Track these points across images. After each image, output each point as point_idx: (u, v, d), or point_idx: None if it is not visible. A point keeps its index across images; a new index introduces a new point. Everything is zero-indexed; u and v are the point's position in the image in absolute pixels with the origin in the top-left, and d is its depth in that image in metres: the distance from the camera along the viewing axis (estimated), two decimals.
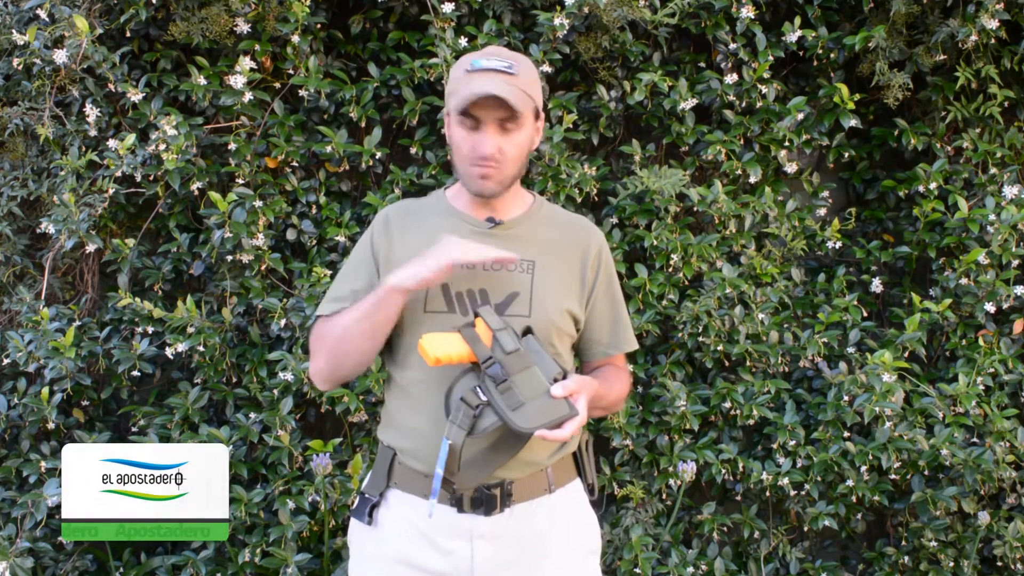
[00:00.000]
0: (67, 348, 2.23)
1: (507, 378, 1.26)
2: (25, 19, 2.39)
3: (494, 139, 1.38)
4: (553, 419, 1.26)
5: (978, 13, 2.30)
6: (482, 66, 1.38)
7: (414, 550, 1.42)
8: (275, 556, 2.25)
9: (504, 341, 1.29)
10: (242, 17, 2.31)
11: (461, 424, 1.26)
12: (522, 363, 1.28)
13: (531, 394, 1.26)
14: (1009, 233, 2.41)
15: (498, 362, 1.27)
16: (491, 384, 1.26)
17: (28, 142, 2.44)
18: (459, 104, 1.36)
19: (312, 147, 2.41)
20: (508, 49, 1.46)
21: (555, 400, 1.27)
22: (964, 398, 2.34)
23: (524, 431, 1.25)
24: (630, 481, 2.48)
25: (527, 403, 1.26)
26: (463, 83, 1.38)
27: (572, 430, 1.26)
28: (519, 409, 1.25)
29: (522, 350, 1.29)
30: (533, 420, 1.25)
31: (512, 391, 1.25)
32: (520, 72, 1.39)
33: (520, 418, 1.25)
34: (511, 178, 1.44)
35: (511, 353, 1.28)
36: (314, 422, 2.56)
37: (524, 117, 1.39)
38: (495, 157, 1.39)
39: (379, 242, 1.49)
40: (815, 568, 2.58)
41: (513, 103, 1.34)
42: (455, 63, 1.46)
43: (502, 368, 1.27)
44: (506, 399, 1.25)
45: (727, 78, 2.43)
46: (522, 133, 1.41)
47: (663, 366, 2.50)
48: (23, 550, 2.18)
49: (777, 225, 2.52)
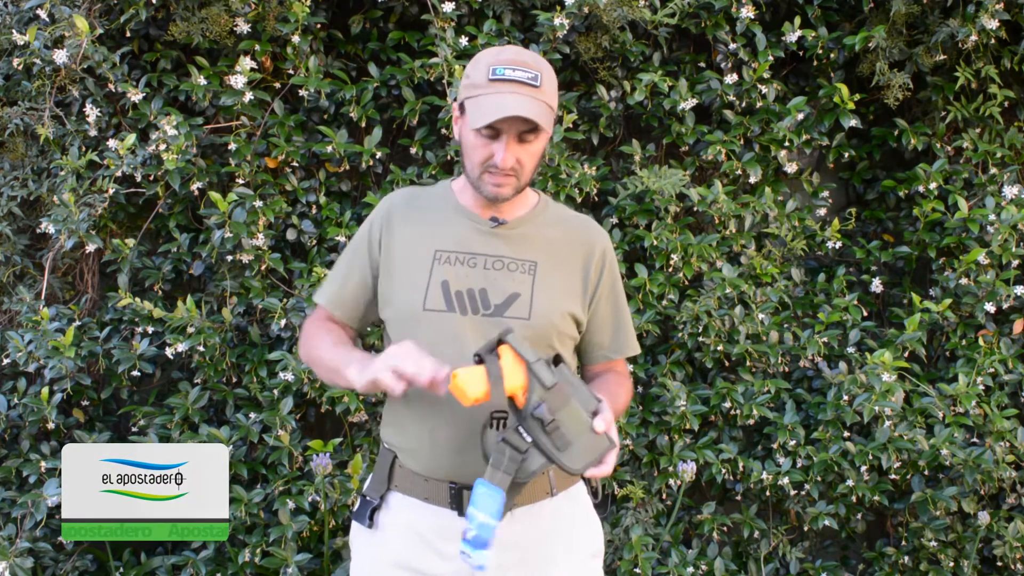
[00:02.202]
0: (67, 348, 2.22)
1: (554, 418, 1.18)
2: (25, 19, 2.39)
3: (513, 151, 1.35)
4: (598, 455, 1.21)
5: (978, 13, 2.30)
6: (506, 76, 1.33)
7: (414, 554, 1.41)
8: (275, 556, 2.25)
9: (542, 375, 1.20)
10: (242, 17, 2.31)
11: (507, 469, 1.18)
12: (562, 398, 1.20)
13: (576, 432, 1.20)
14: (1009, 233, 2.41)
15: (543, 402, 1.19)
16: (536, 425, 1.19)
17: (28, 142, 2.44)
18: (482, 119, 1.32)
19: (312, 147, 2.41)
20: (529, 52, 1.41)
21: (596, 436, 1.21)
22: (964, 398, 2.34)
23: (576, 471, 1.20)
24: (630, 481, 2.48)
25: (574, 442, 1.19)
26: (485, 92, 1.34)
27: (613, 463, 1.23)
28: (568, 450, 1.19)
29: (560, 383, 1.21)
30: (582, 459, 1.20)
31: (559, 431, 1.18)
32: (543, 83, 1.35)
33: (569, 459, 1.19)
34: (526, 184, 1.42)
35: (551, 388, 1.20)
36: (314, 422, 2.56)
37: (544, 130, 1.36)
38: (513, 168, 1.37)
39: (377, 231, 1.48)
40: (815, 568, 2.58)
41: (540, 123, 1.32)
42: (473, 59, 1.41)
43: (548, 408, 1.18)
44: (554, 440, 1.18)
45: (727, 78, 2.43)
46: (539, 143, 1.39)
47: (663, 366, 2.50)
48: (23, 550, 2.18)
49: (777, 225, 2.52)
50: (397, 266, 1.45)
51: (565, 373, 1.24)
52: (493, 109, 1.31)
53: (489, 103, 1.32)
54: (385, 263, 1.46)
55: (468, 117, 1.36)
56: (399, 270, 1.45)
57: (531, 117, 1.31)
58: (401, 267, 1.45)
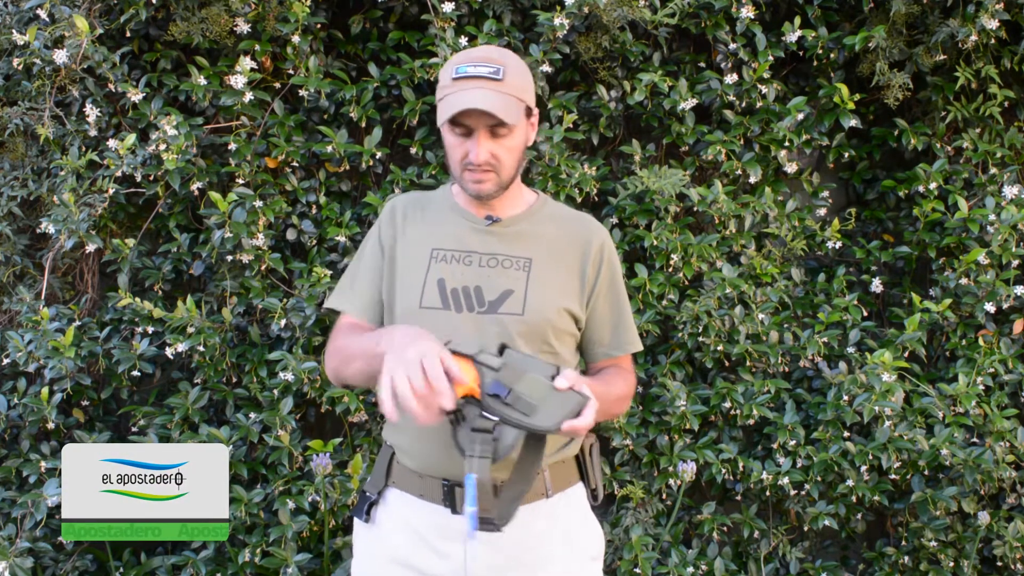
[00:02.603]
0: (67, 348, 2.22)
1: (511, 389, 1.21)
2: (25, 19, 2.39)
3: (485, 146, 1.37)
4: (571, 409, 1.22)
5: (978, 13, 2.30)
6: (467, 73, 1.36)
7: (411, 551, 1.42)
8: (275, 556, 2.25)
9: (488, 361, 1.24)
10: (242, 17, 2.31)
11: (483, 454, 1.19)
12: (515, 374, 1.23)
13: (539, 395, 1.22)
14: (1009, 233, 2.41)
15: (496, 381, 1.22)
16: (496, 403, 1.20)
17: (28, 142, 2.44)
18: (444, 116, 1.35)
19: (312, 147, 2.41)
20: (497, 48, 1.43)
21: (563, 393, 1.23)
22: (964, 398, 2.34)
23: (549, 429, 1.21)
24: (630, 481, 2.48)
25: (539, 405, 1.21)
26: (450, 91, 1.37)
27: (592, 415, 1.22)
28: (535, 413, 1.20)
29: (508, 362, 1.25)
30: (553, 417, 1.21)
31: (520, 399, 1.21)
32: (507, 76, 1.36)
33: (539, 419, 1.20)
34: (509, 179, 1.43)
35: (499, 369, 1.23)
36: (314, 422, 2.56)
37: (514, 122, 1.37)
38: (488, 163, 1.38)
39: (386, 232, 1.50)
40: (815, 568, 2.58)
41: (499, 114, 1.33)
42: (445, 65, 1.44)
43: (501, 383, 1.21)
44: (518, 408, 1.20)
45: (727, 78, 2.43)
46: (514, 137, 1.40)
47: (663, 366, 2.50)
48: (23, 550, 2.18)
49: (777, 225, 2.52)
50: (399, 266, 1.47)
51: (512, 355, 1.27)
52: (454, 104, 1.34)
53: (452, 100, 1.35)
54: (389, 265, 1.48)
55: (438, 117, 1.40)
56: (400, 270, 1.47)
57: (488, 109, 1.32)
58: (402, 267, 1.47)
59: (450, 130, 1.39)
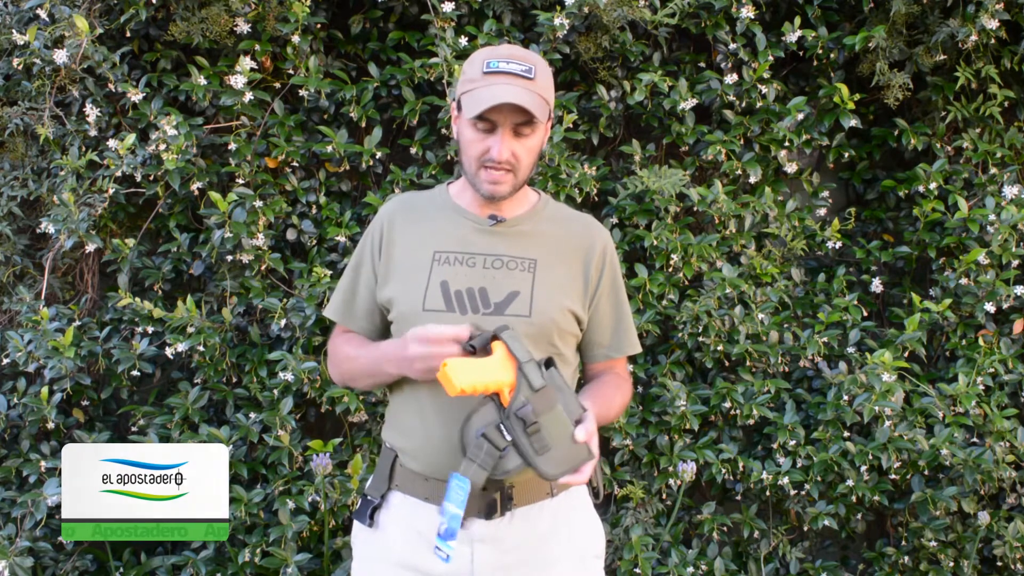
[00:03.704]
0: (67, 348, 2.22)
1: (536, 420, 1.18)
2: (25, 19, 2.39)
3: (508, 144, 1.36)
4: (575, 464, 1.22)
5: (978, 13, 2.30)
6: (500, 68, 1.35)
7: (415, 553, 1.41)
8: (275, 556, 2.25)
9: (532, 376, 1.20)
10: (242, 17, 2.31)
11: (483, 464, 1.19)
12: (548, 402, 1.20)
13: (557, 438, 1.20)
14: (1009, 233, 2.41)
15: (528, 403, 1.19)
16: (518, 425, 1.18)
17: (28, 142, 2.44)
18: (476, 108, 1.33)
19: (312, 147, 2.41)
20: (521, 48, 1.43)
21: (576, 444, 1.22)
22: (964, 398, 2.34)
23: (550, 477, 1.20)
24: (630, 481, 2.48)
25: (553, 448, 1.19)
26: (480, 84, 1.35)
27: (589, 474, 1.25)
28: (546, 454, 1.19)
29: (548, 386, 1.21)
30: (559, 466, 1.20)
31: (540, 435, 1.18)
32: (538, 76, 1.37)
33: (546, 464, 1.19)
34: (523, 181, 1.43)
35: (538, 391, 1.20)
36: (314, 422, 2.56)
37: (540, 123, 1.37)
38: (509, 162, 1.37)
39: (378, 240, 1.50)
40: (815, 568, 2.58)
41: (534, 111, 1.33)
42: (469, 57, 1.42)
43: (532, 410, 1.18)
44: (534, 442, 1.18)
45: (727, 78, 2.43)
46: (535, 137, 1.40)
47: (663, 366, 2.50)
48: (23, 550, 2.18)
49: (777, 225, 2.52)
50: (397, 270, 1.46)
51: (555, 377, 1.24)
52: (487, 98, 1.33)
53: (483, 94, 1.34)
54: (384, 270, 1.47)
55: (464, 110, 1.38)
56: (400, 273, 1.46)
57: (524, 105, 1.32)
58: (401, 270, 1.46)
59: (473, 125, 1.37)
